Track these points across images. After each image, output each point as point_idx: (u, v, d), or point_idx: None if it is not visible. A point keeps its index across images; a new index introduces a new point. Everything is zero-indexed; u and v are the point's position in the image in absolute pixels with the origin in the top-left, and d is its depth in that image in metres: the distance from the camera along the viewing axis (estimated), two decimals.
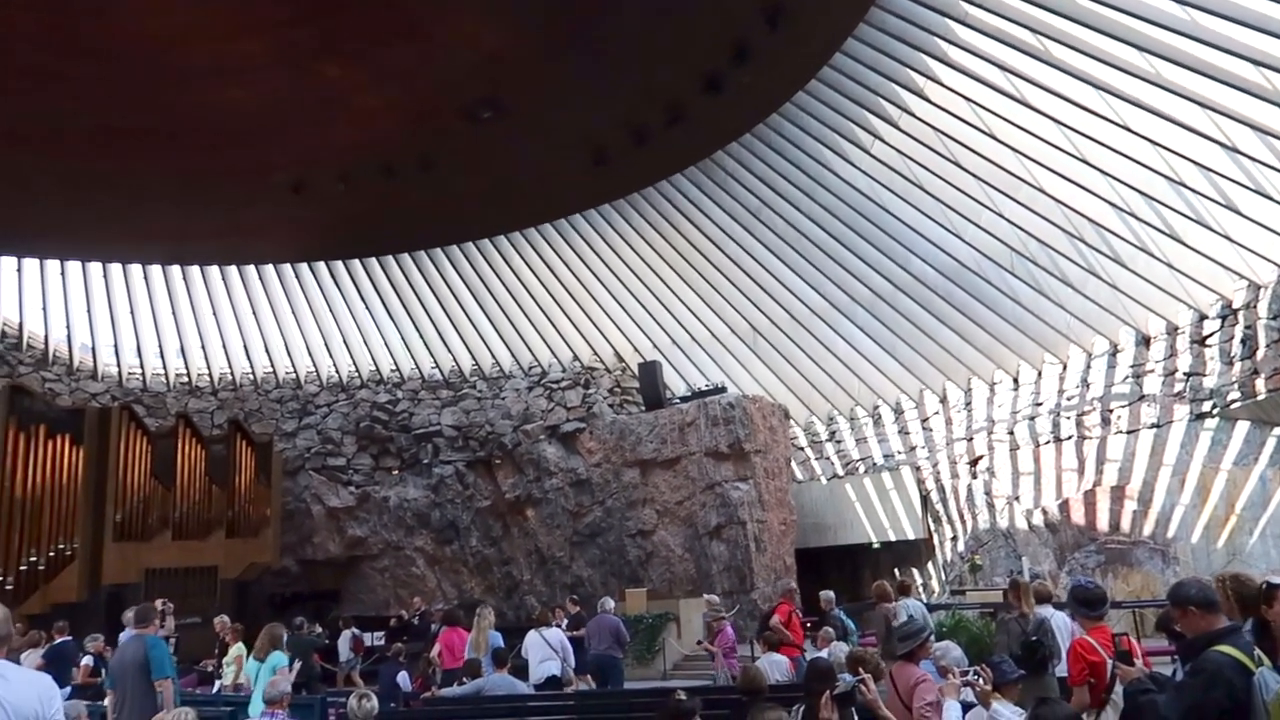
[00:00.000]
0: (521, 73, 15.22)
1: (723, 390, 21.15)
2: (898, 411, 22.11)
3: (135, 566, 19.51)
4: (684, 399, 21.57)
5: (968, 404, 20.64)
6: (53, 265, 23.06)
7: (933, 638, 6.19)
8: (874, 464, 22.21)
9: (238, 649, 12.09)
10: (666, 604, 18.37)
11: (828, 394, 23.00)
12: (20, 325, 23.62)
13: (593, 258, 22.76)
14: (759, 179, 19.53)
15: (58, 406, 20.77)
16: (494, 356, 25.27)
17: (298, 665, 9.68)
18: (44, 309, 23.67)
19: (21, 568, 18.37)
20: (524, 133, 17.09)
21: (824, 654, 8.07)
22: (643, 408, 22.32)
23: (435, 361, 25.53)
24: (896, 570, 21.79)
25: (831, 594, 12.63)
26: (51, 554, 18.81)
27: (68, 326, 24.06)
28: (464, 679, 9.82)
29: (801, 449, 23.55)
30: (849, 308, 21.06)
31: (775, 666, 9.44)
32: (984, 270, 18.49)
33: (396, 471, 24.19)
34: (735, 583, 19.15)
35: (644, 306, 23.41)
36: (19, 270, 22.86)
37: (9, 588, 18.17)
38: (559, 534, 22.33)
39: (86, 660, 12.02)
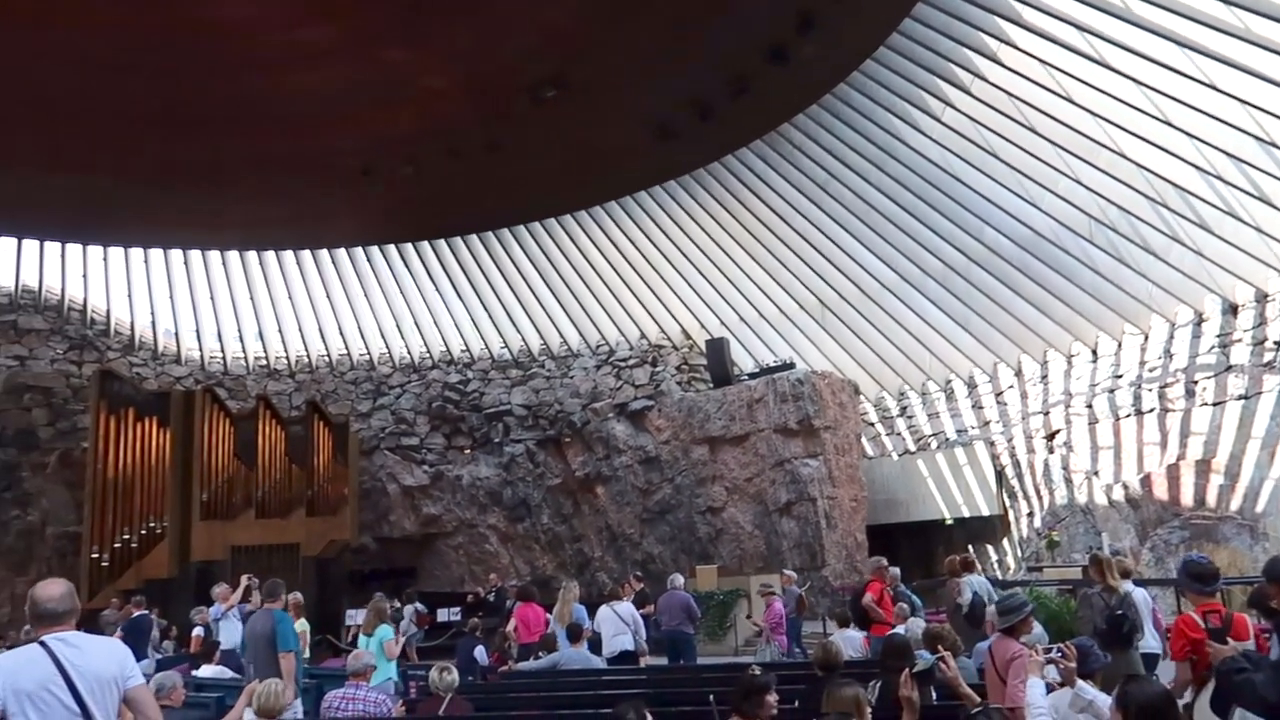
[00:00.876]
0: (585, 49, 15.20)
1: (791, 366, 20.97)
2: (971, 386, 21.67)
3: (222, 544, 20.17)
4: (752, 376, 21.44)
5: (1044, 377, 20.13)
6: (136, 254, 23.94)
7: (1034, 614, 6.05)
8: (946, 439, 21.83)
9: (300, 625, 12.39)
10: (737, 581, 18.34)
11: (898, 369, 22.65)
12: (108, 312, 24.55)
13: (659, 235, 22.71)
14: (826, 151, 19.24)
15: (145, 390, 21.52)
16: (562, 336, 25.43)
17: (403, 638, 9.95)
18: (129, 296, 24.61)
19: (116, 545, 19.17)
20: (588, 110, 17.07)
21: (901, 630, 7.98)
22: (711, 385, 22.26)
23: (504, 341, 25.80)
24: (969, 547, 21.47)
25: (896, 570, 12.50)
26: (143, 532, 19.57)
27: (152, 313, 24.95)
28: (539, 653, 9.97)
29: (872, 425, 23.27)
30: (920, 281, 20.67)
31: (849, 643, 9.39)
32: (1061, 239, 17.96)
33: (468, 450, 24.55)
34: (806, 559, 19.05)
35: (711, 283, 23.30)
36: (105, 259, 23.78)
37: (105, 564, 19.01)
38: (629, 511, 22.45)
39: (198, 631, 12.50)
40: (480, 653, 12.37)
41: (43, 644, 3.78)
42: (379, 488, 24.22)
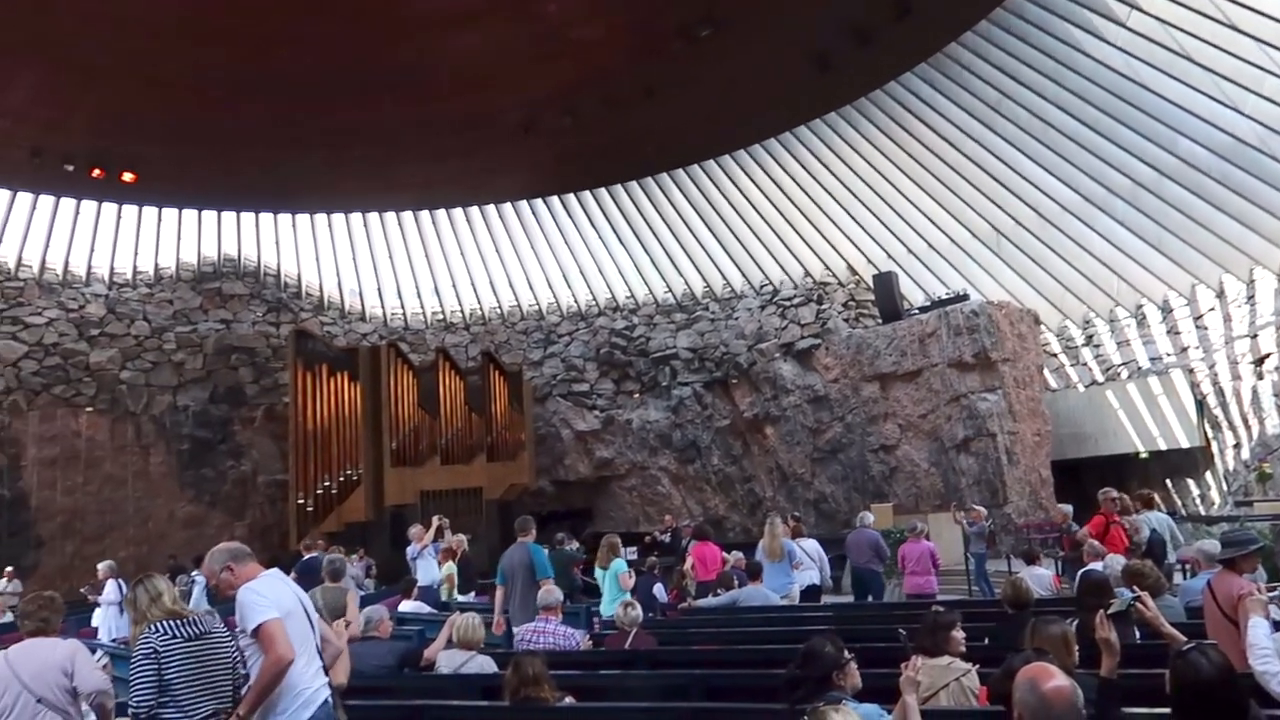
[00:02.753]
0: None
1: (965, 298, 20.11)
2: (1165, 310, 20.19)
3: (411, 489, 21.38)
4: (923, 309, 20.73)
5: (1250, 298, 18.50)
6: (320, 220, 25.55)
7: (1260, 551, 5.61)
8: (1139, 368, 20.49)
9: (449, 568, 13.13)
10: (913, 519, 17.95)
11: (1083, 295, 21.35)
12: (298, 276, 26.29)
13: (821, 170, 22.14)
14: (998, 69, 18.15)
15: (335, 347, 22.91)
16: (725, 277, 25.33)
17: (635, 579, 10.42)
18: (317, 260, 26.27)
19: (318, 491, 20.64)
20: (744, 46, 16.73)
21: (1098, 567, 7.62)
22: (879, 321, 21.68)
23: (668, 285, 25.95)
24: (1167, 481, 20.21)
25: (1069, 508, 11.97)
26: (341, 479, 20.98)
27: (337, 274, 26.56)
28: (718, 590, 10.12)
29: (1054, 356, 22.10)
30: (1105, 200, 19.32)
31: (1038, 581, 9.07)
32: (1268, 144, 16.33)
33: (637, 395, 24.97)
34: (986, 497, 18.40)
35: (877, 216, 22.58)
36: (294, 226, 25.50)
37: (310, 509, 20.52)
38: (799, 451, 22.32)
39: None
40: (659, 590, 12.66)
41: (276, 575, 4.23)
42: (553, 433, 25.04)
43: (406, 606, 10.75)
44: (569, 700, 5.27)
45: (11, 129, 18.11)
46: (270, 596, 4.10)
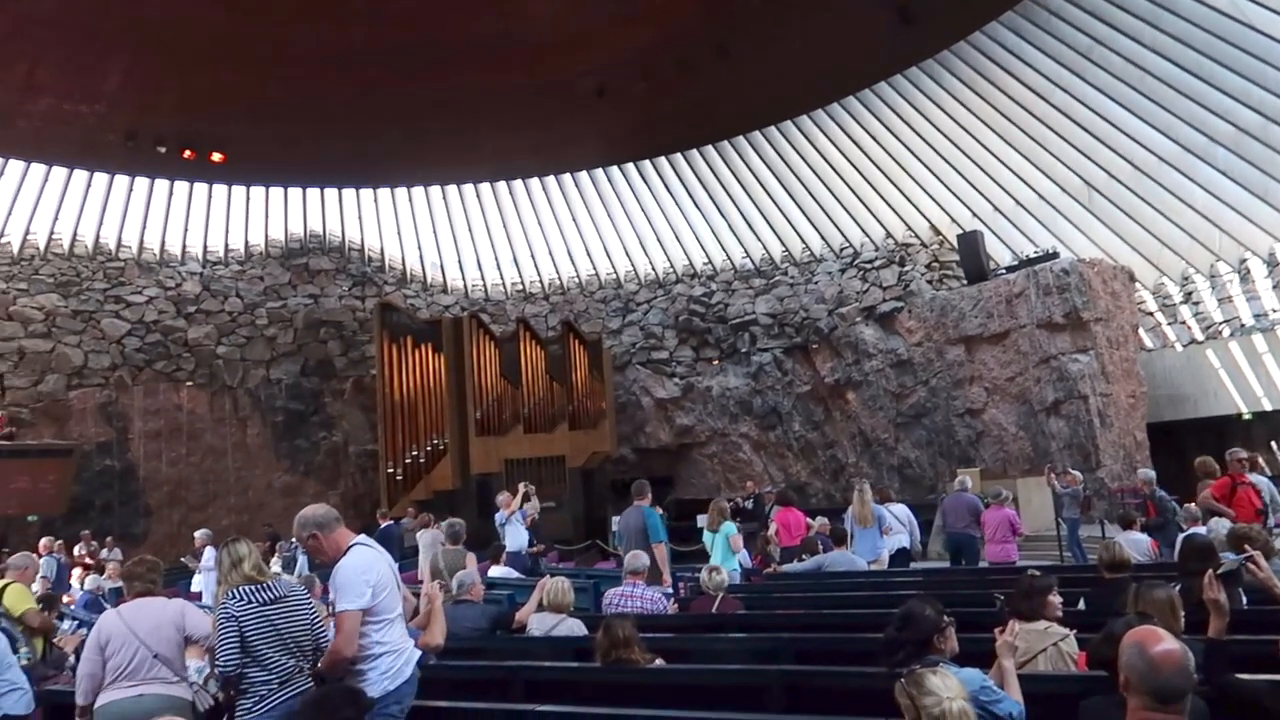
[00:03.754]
0: None
1: (1055, 256, 19.48)
2: (1272, 264, 19.24)
3: (496, 457, 21.75)
4: (1010, 269, 20.15)
5: None
6: (401, 194, 26.00)
7: None
8: (1241, 325, 19.62)
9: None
10: (1002, 484, 17.57)
11: (1181, 251, 20.46)
12: (381, 250, 26.84)
13: (902, 127, 21.61)
14: (1089, 14, 17.43)
15: (419, 319, 23.36)
16: (804, 241, 24.97)
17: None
18: (399, 234, 26.77)
19: (407, 461, 21.17)
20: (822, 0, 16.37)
21: (1202, 531, 7.37)
22: (964, 282, 21.16)
23: (746, 251, 25.71)
24: (1272, 443, 19.37)
25: (1152, 473, 11.61)
26: (428, 449, 21.46)
27: (419, 247, 27.03)
28: (802, 556, 10.10)
29: (1150, 314, 21.28)
30: (1206, 149, 18.44)
31: (1135, 545, 8.82)
32: None
33: (716, 362, 24.90)
34: (1078, 461, 17.89)
35: (961, 173, 21.95)
36: (375, 201, 26.02)
37: (399, 478, 21.08)
38: (882, 416, 22.01)
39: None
40: (743, 555, 12.69)
41: (364, 544, 4.39)
42: (634, 401, 25.15)
43: (496, 571, 10.97)
44: (659, 662, 5.32)
45: (107, 114, 18.81)
46: (368, 571, 4.28)
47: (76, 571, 14.21)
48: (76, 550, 16.38)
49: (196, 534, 14.06)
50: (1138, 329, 20.13)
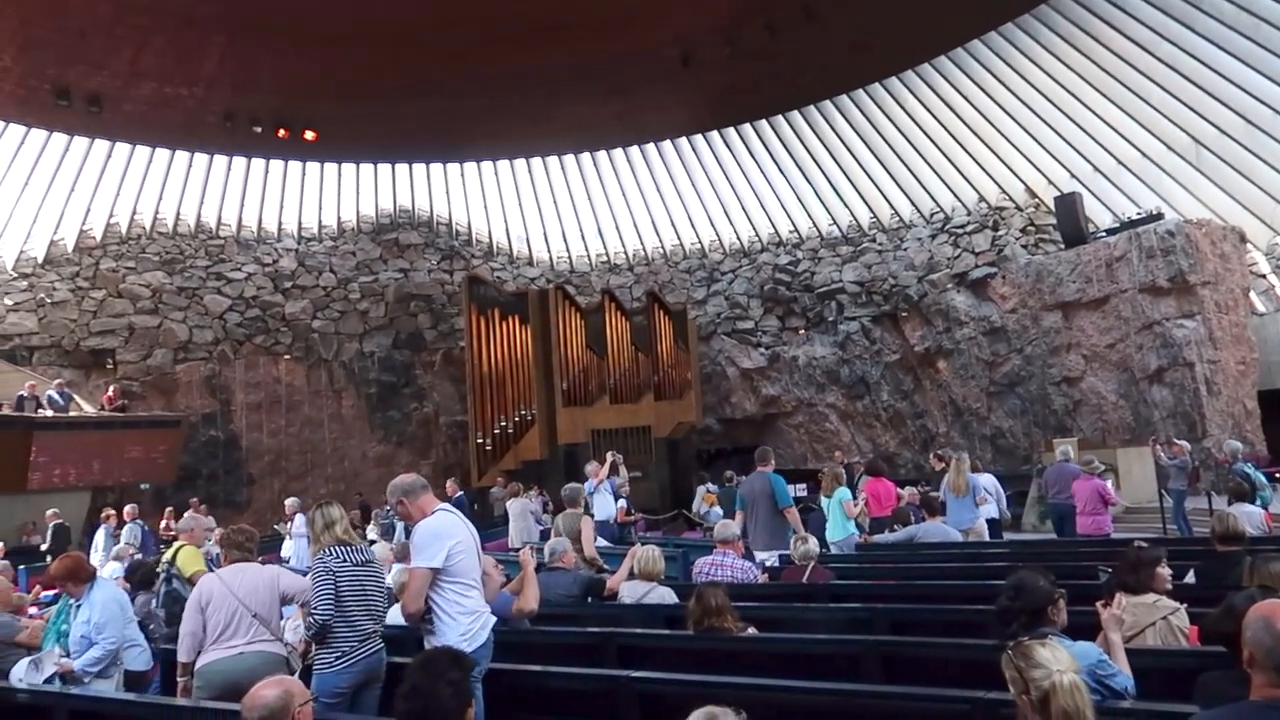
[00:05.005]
0: None
1: (1159, 217, 18.64)
2: None
3: (583, 428, 21.96)
4: (1110, 231, 19.37)
5: None
6: (486, 167, 26.28)
7: None
8: None
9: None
10: (1100, 454, 17.01)
11: None
12: (468, 224, 27.20)
13: (996, 85, 20.88)
14: None
15: (506, 292, 23.64)
16: (892, 206, 24.40)
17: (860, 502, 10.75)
18: (484, 207, 27.12)
19: (495, 431, 21.52)
20: None
21: None
22: (1061, 245, 20.42)
23: (833, 218, 25.27)
24: None
25: (1238, 445, 11.11)
26: (516, 419, 21.77)
27: (504, 220, 27.34)
28: (894, 526, 9.96)
29: (1263, 277, 20.24)
30: None
31: (1249, 518, 8.43)
32: None
33: (803, 331, 24.63)
34: (1183, 430, 17.20)
35: (1058, 132, 21.10)
36: (462, 175, 26.39)
37: (488, 449, 21.44)
38: (974, 385, 21.50)
39: (621, 503, 13.83)
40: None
41: (447, 509, 4.56)
42: (719, 371, 25.08)
43: None
44: (751, 630, 5.31)
45: (205, 96, 19.42)
46: (444, 535, 4.46)
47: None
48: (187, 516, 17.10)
49: (287, 501, 14.54)
50: (1248, 292, 19.18)
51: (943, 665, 4.61)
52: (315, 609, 4.51)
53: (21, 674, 5.61)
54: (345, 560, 4.61)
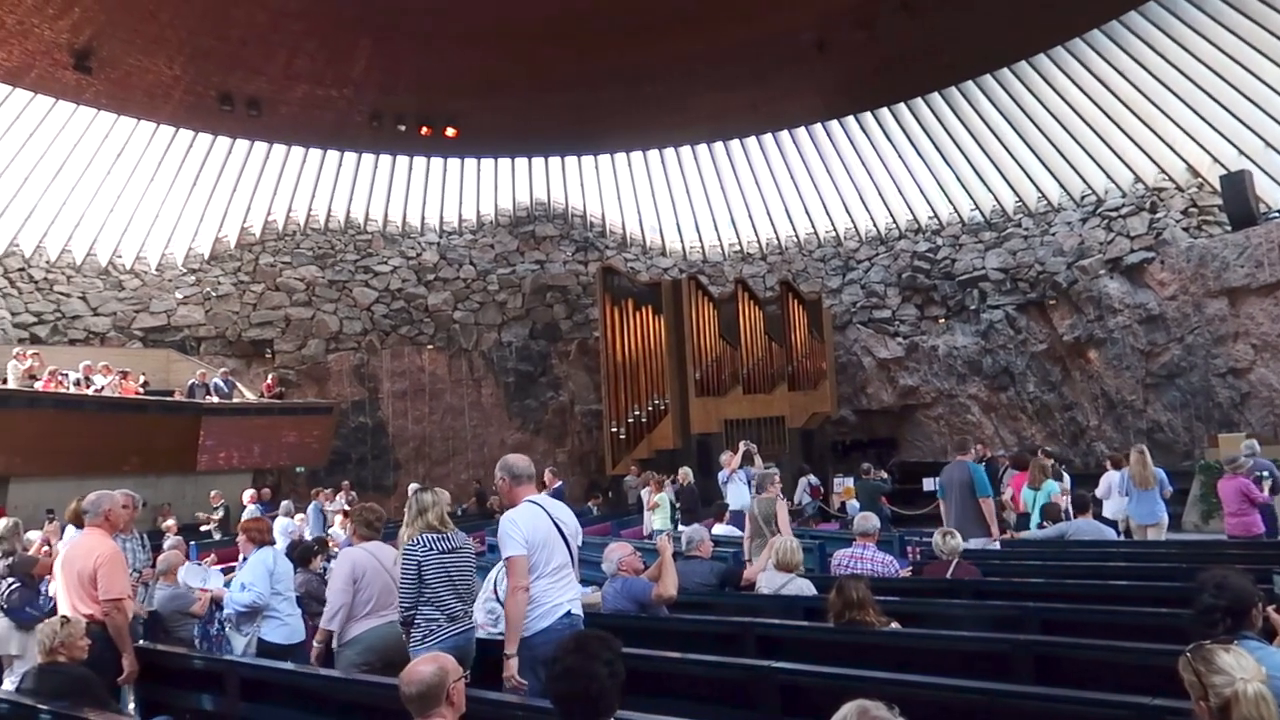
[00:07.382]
0: None
1: None
2: None
3: (715, 418, 21.91)
4: None
5: None
6: (619, 159, 26.50)
7: None
8: None
9: (660, 497, 14.20)
10: (1273, 450, 15.87)
11: None
12: (602, 215, 27.54)
13: (1155, 59, 19.66)
14: None
15: (639, 282, 23.81)
16: (1039, 190, 23.30)
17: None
18: (618, 198, 27.37)
19: (629, 420, 21.72)
20: None
21: None
22: (1228, 228, 19.11)
23: (975, 203, 24.35)
24: None
25: None
26: (650, 409, 21.91)
27: (638, 211, 27.54)
28: (1043, 523, 9.57)
29: None
30: None
31: None
32: None
33: (942, 320, 23.88)
34: None
35: (1225, 106, 19.66)
36: (595, 167, 26.71)
37: (622, 437, 21.68)
38: (1128, 376, 20.38)
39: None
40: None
41: (534, 501, 4.85)
42: (854, 361, 24.61)
43: (719, 530, 11.09)
44: (894, 626, 5.20)
45: (354, 97, 20.28)
46: (525, 528, 4.69)
47: (338, 518, 15.64)
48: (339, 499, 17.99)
49: (411, 486, 15.12)
50: None
51: (1101, 669, 4.40)
52: (400, 596, 4.91)
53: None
54: (430, 548, 4.90)
